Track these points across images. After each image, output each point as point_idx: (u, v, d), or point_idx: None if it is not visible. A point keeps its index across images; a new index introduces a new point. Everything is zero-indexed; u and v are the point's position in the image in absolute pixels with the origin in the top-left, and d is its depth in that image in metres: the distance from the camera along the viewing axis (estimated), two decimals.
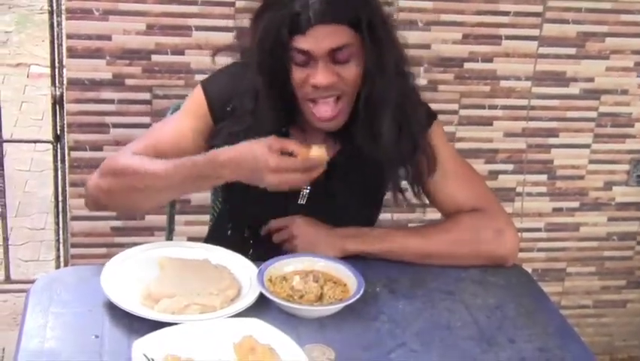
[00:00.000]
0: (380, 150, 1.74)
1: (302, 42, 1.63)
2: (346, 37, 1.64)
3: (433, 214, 2.04)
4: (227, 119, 1.76)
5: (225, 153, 1.61)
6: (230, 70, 1.83)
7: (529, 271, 1.91)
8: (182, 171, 1.62)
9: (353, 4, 1.65)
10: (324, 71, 1.65)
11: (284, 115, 1.74)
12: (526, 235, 2.78)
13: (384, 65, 1.68)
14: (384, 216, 1.95)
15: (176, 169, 1.63)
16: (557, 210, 2.85)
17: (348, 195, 1.81)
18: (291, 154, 1.58)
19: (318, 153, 1.60)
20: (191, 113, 1.80)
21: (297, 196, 1.82)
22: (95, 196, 1.73)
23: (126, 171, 1.67)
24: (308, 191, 1.82)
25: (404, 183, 1.84)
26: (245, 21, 2.36)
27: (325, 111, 1.69)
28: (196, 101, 1.81)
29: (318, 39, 1.62)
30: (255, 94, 1.72)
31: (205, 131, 1.78)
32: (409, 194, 1.84)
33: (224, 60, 1.86)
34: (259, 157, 1.56)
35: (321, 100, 1.68)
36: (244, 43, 1.79)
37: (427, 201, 1.87)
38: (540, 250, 2.88)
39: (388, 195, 1.88)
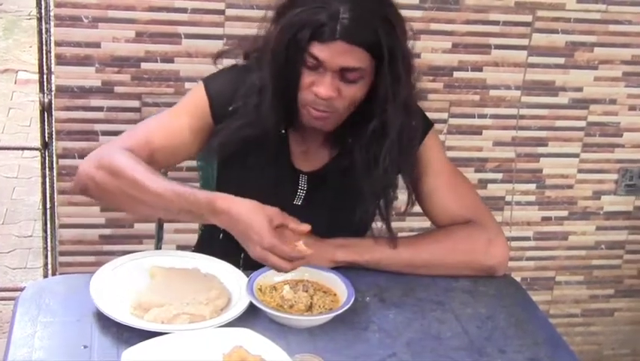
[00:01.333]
0: (370, 180, 1.75)
1: (319, 50, 1.62)
2: (362, 61, 1.64)
3: (421, 223, 2.04)
4: (230, 117, 1.74)
5: (226, 202, 1.58)
6: (233, 71, 1.82)
7: (518, 280, 1.91)
8: (181, 202, 1.60)
9: (379, 30, 1.63)
10: (329, 84, 1.64)
11: (285, 115, 1.73)
12: (515, 243, 2.79)
13: (396, 97, 1.68)
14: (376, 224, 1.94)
15: (177, 197, 1.60)
16: (546, 219, 2.85)
17: (343, 197, 1.81)
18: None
19: (304, 248, 1.58)
20: (190, 111, 1.78)
21: (293, 197, 1.82)
22: (85, 184, 1.70)
23: (124, 175, 1.63)
24: (305, 192, 1.82)
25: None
26: (235, 29, 2.39)
27: (315, 112, 1.70)
28: (197, 99, 1.79)
29: (335, 54, 1.62)
30: (259, 90, 1.71)
31: (203, 130, 1.78)
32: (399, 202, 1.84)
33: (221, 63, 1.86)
34: (256, 228, 1.54)
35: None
36: (248, 46, 1.79)
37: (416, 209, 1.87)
38: (529, 258, 2.89)
39: None
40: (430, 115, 1.90)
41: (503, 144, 2.72)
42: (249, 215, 1.55)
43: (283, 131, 1.78)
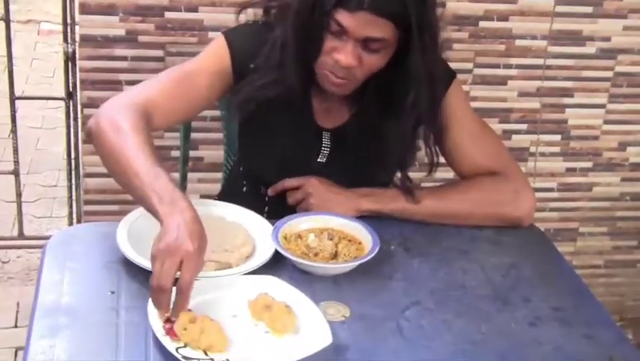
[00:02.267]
0: (392, 144, 1.76)
1: (344, 18, 1.59)
2: (387, 32, 1.60)
3: (445, 174, 2.04)
4: (251, 75, 1.72)
5: (180, 213, 1.42)
6: (254, 27, 1.79)
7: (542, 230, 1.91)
8: (150, 177, 1.48)
9: (408, 2, 1.58)
10: (352, 52, 1.62)
11: (308, 73, 1.70)
12: (539, 194, 2.73)
13: (421, 67, 1.66)
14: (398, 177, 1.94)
15: (150, 172, 1.49)
16: (571, 170, 2.84)
17: (365, 153, 1.81)
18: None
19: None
20: (210, 65, 1.75)
21: (317, 155, 1.82)
22: (90, 128, 1.63)
23: (121, 134, 1.55)
24: (328, 149, 1.81)
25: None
26: None
27: (334, 79, 1.68)
28: (218, 53, 1.76)
29: (361, 24, 1.58)
30: (282, 47, 1.68)
31: (222, 85, 1.76)
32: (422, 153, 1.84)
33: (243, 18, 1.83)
34: (182, 243, 1.37)
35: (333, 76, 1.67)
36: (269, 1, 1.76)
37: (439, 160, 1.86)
38: (553, 210, 2.88)
39: None
40: (455, 65, 1.88)
41: (528, 95, 2.70)
42: (175, 237, 1.37)
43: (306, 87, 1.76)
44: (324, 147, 1.82)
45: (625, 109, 2.78)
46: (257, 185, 1.86)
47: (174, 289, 1.37)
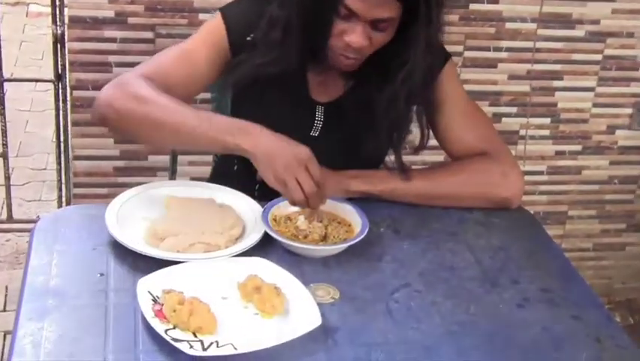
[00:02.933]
0: (386, 114, 1.75)
1: (353, 3, 1.61)
2: (395, 10, 1.62)
3: (435, 157, 2.04)
4: (249, 51, 1.73)
5: (263, 134, 1.59)
6: (250, 0, 1.79)
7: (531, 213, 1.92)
8: (205, 124, 1.59)
9: None
10: (362, 34, 1.64)
11: (309, 55, 1.72)
12: (528, 177, 2.76)
13: (424, 41, 1.67)
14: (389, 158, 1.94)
15: (199, 119, 1.60)
16: (560, 154, 2.85)
17: (359, 129, 1.80)
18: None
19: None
20: (206, 41, 1.76)
21: (310, 129, 1.82)
22: (103, 113, 1.68)
23: (152, 100, 1.62)
24: (321, 123, 1.82)
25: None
26: None
27: (345, 60, 1.71)
28: (214, 28, 1.77)
29: (370, 6, 1.60)
30: (284, 26, 1.69)
31: (219, 60, 1.76)
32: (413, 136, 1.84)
33: None
34: (294, 144, 1.58)
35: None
36: None
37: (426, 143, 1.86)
38: (542, 193, 2.89)
39: None
40: (446, 48, 1.88)
41: (518, 78, 2.70)
42: (286, 146, 1.58)
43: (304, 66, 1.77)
44: (317, 121, 1.82)
45: (614, 92, 2.78)
46: (248, 164, 1.86)
47: None
